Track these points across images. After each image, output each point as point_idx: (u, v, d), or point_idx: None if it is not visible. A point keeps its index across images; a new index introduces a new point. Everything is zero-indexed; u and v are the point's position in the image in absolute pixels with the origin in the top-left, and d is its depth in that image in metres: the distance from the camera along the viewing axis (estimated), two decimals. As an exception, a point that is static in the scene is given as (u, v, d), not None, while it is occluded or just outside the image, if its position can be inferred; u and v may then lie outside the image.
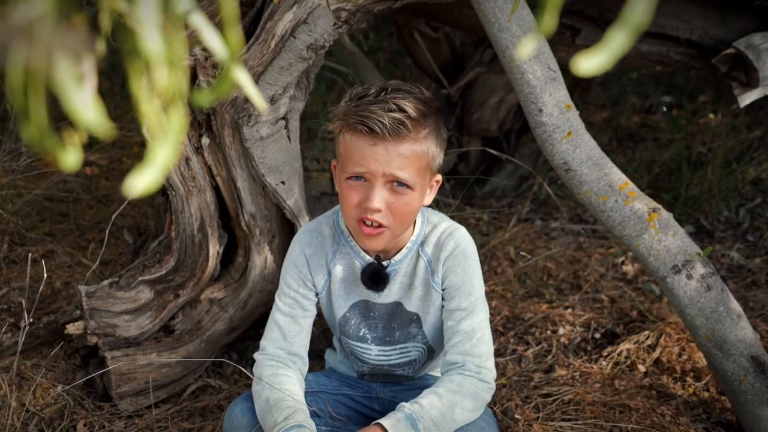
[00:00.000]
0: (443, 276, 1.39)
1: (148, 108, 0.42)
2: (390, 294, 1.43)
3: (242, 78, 0.48)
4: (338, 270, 1.43)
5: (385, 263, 1.40)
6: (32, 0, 0.37)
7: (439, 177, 1.36)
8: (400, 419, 1.25)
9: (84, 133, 0.43)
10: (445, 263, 1.38)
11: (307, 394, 1.44)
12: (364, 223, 1.28)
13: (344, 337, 1.50)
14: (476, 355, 1.36)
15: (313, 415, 1.40)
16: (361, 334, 1.47)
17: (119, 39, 0.43)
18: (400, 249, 1.40)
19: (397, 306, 1.44)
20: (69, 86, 0.38)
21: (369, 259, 1.41)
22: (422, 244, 1.41)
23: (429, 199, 1.35)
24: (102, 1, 0.43)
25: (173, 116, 0.43)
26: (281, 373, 1.38)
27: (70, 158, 0.42)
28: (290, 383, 1.37)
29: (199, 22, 0.44)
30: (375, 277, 1.39)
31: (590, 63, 0.41)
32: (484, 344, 1.37)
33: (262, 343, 1.45)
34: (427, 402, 1.29)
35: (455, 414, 1.30)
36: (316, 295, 1.46)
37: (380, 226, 1.27)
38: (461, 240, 1.39)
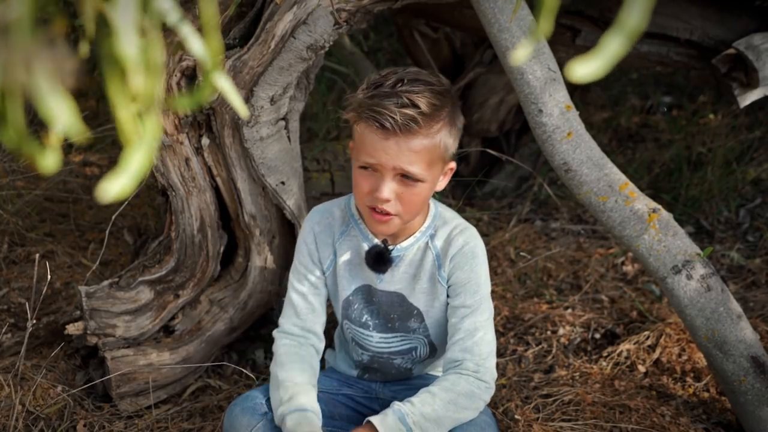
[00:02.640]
0: (450, 272, 1.40)
1: (123, 113, 0.42)
2: (392, 281, 1.44)
3: (224, 85, 0.47)
4: (344, 251, 1.45)
5: (391, 247, 1.42)
6: (8, 2, 0.37)
7: (453, 164, 1.36)
8: (389, 415, 1.27)
9: (61, 135, 0.43)
10: (453, 259, 1.39)
11: None
12: (375, 209, 1.30)
13: (348, 321, 1.51)
14: (476, 353, 1.36)
15: None
16: (364, 320, 1.49)
17: (97, 42, 0.42)
18: (409, 236, 1.42)
19: (399, 298, 1.45)
20: (44, 90, 0.38)
21: (377, 242, 1.43)
22: (432, 236, 1.42)
23: (442, 185, 1.36)
24: (85, 3, 0.43)
25: (148, 122, 0.43)
26: (293, 351, 1.42)
27: (49, 161, 0.42)
28: (301, 362, 1.40)
29: (185, 28, 0.44)
30: (378, 257, 1.41)
31: (585, 69, 0.41)
32: (486, 344, 1.37)
33: (279, 320, 1.48)
34: (419, 400, 1.30)
35: (449, 412, 1.31)
36: (323, 273, 1.48)
37: (389, 213, 1.29)
38: (471, 238, 1.41)
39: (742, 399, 1.50)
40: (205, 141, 1.64)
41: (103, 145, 2.98)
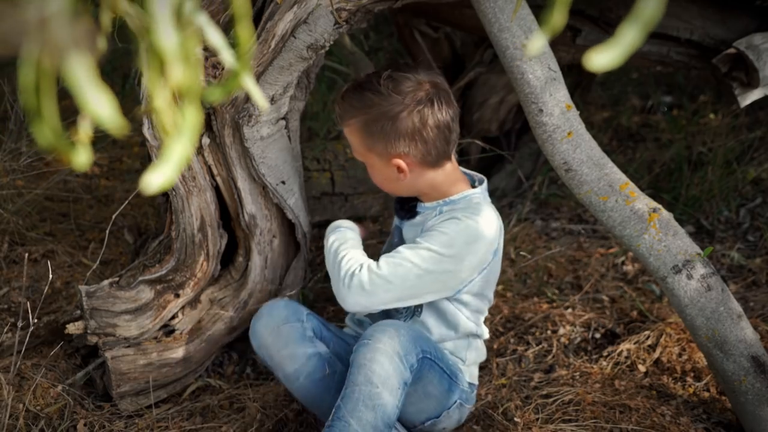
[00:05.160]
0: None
1: (162, 104, 0.42)
2: (408, 231, 1.60)
3: (245, 78, 0.48)
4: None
5: (416, 203, 1.59)
6: (45, -2, 0.37)
7: (398, 161, 1.46)
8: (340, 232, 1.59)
9: (92, 130, 0.43)
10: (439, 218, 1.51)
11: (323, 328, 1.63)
12: None
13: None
14: (385, 262, 1.44)
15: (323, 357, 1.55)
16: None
17: (129, 37, 0.43)
18: (433, 201, 1.56)
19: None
20: (83, 83, 0.38)
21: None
22: (446, 204, 1.54)
23: (401, 177, 1.49)
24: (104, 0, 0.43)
25: (188, 112, 0.43)
26: None
27: (82, 157, 0.42)
28: None
29: (204, 21, 0.44)
30: (402, 203, 1.61)
31: (602, 58, 0.42)
32: (393, 266, 1.43)
33: None
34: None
35: (336, 257, 1.51)
36: None
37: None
38: (469, 220, 1.45)
39: (743, 399, 1.50)
40: (206, 140, 1.64)
41: (104, 144, 2.98)
